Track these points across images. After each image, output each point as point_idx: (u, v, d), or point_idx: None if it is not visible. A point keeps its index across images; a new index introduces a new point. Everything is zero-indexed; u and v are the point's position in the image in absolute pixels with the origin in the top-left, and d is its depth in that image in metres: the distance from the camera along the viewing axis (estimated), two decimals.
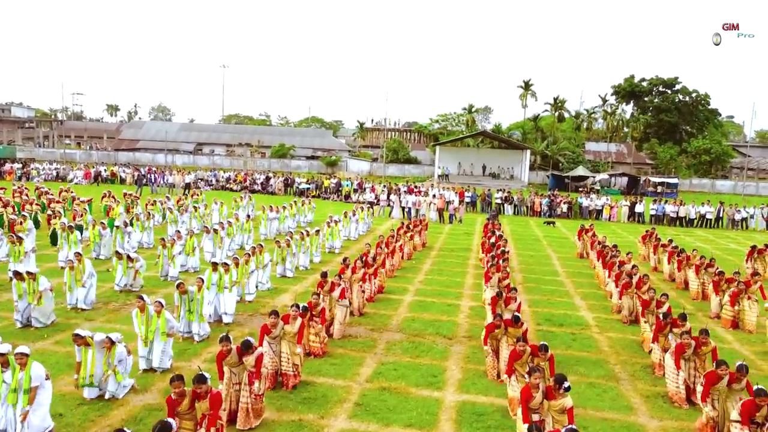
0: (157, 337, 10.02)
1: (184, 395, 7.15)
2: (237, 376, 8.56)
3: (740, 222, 35.15)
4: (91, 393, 8.96)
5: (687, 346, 9.91)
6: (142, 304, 10.16)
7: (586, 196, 38.29)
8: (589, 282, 18.68)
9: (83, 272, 13.34)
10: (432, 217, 32.77)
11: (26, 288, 11.91)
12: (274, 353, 9.82)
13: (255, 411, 8.35)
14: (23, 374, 7.60)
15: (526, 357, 9.19)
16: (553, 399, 7.68)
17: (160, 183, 40.40)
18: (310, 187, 43.74)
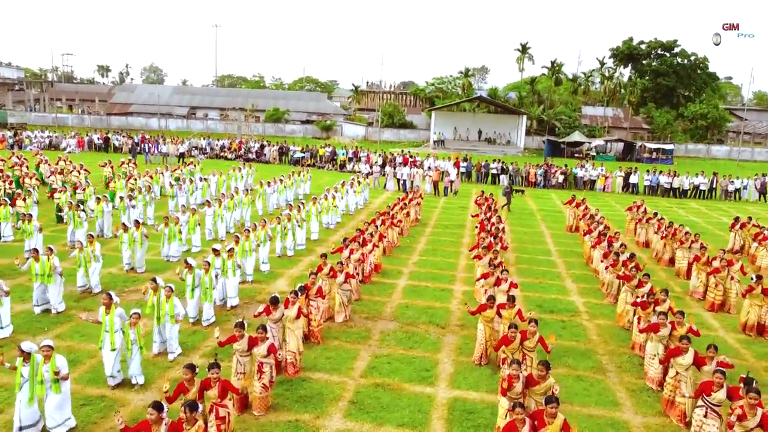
0: (167, 321, 10.34)
1: (193, 383, 7.40)
2: (243, 366, 8.85)
3: (733, 193, 35.37)
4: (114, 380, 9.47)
5: (662, 325, 10.23)
6: (155, 286, 10.47)
7: (581, 167, 38.28)
8: (580, 262, 18.95)
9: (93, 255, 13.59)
10: (427, 189, 32.85)
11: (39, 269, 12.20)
12: (274, 338, 10.11)
13: (261, 399, 8.70)
14: (48, 365, 7.90)
15: (517, 343, 9.50)
16: (535, 385, 7.96)
17: (154, 152, 40.14)
18: (304, 155, 43.59)
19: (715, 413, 8.04)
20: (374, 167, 34.14)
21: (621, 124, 72.39)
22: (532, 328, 9.46)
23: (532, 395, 7.93)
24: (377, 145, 65.50)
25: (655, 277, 17.77)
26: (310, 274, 11.72)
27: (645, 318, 11.41)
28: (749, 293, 12.97)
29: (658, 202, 33.80)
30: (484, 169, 38.18)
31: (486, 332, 10.83)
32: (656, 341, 10.26)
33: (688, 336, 9.17)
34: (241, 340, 8.71)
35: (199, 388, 7.41)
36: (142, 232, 15.30)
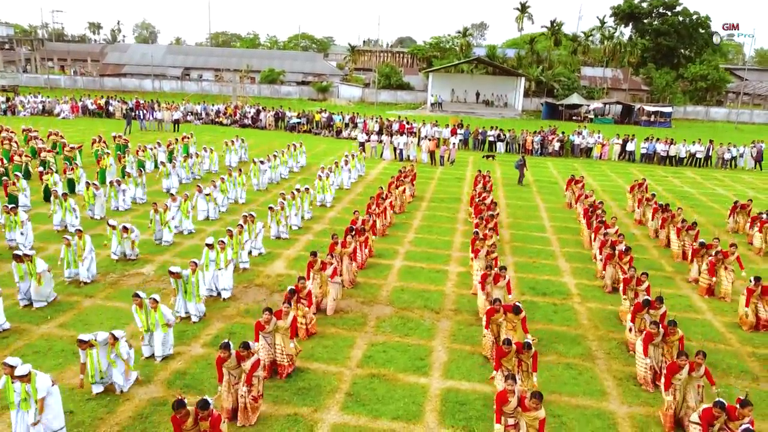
0: (158, 329, 10.48)
1: (188, 415, 7.58)
2: (235, 378, 9.09)
3: (729, 161, 35.43)
4: (97, 388, 9.51)
5: (655, 335, 10.45)
6: (139, 301, 10.51)
7: (578, 134, 38.16)
8: (574, 239, 19.20)
9: (83, 248, 13.64)
10: (423, 158, 32.83)
11: (26, 269, 12.25)
12: (269, 345, 10.33)
13: (252, 408, 8.95)
14: (30, 386, 8.05)
15: (512, 354, 9.74)
16: (527, 411, 8.22)
17: (149, 119, 39.84)
18: (301, 121, 43.32)
19: None
20: (371, 136, 33.95)
21: (620, 85, 71.76)
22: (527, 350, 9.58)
23: (523, 417, 8.20)
24: (374, 107, 65.01)
25: (647, 255, 18.11)
26: (299, 279, 11.83)
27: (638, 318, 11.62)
28: (751, 296, 13.08)
29: (654, 170, 33.91)
30: (481, 136, 38.06)
31: (494, 331, 11.09)
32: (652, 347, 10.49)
33: (685, 352, 9.30)
34: (229, 359, 8.87)
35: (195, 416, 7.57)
36: (132, 237, 15.27)
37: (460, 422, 9.17)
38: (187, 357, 10.79)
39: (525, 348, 9.42)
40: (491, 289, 12.82)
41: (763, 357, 11.82)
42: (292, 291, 11.49)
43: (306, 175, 27.51)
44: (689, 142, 36.66)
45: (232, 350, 8.93)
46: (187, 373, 10.20)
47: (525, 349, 9.42)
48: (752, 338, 12.61)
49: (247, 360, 8.95)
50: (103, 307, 12.64)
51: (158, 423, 8.78)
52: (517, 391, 8.19)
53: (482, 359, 11.18)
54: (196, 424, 7.63)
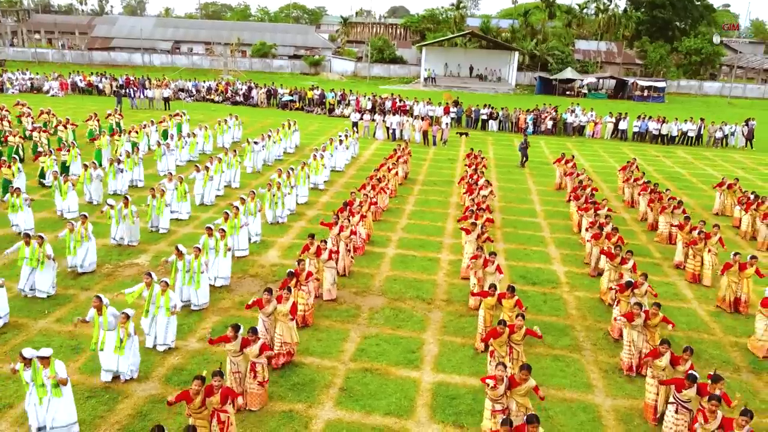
0: (162, 313, 10.70)
1: (198, 393, 7.87)
2: (237, 365, 9.35)
3: (721, 140, 35.61)
4: (106, 376, 9.86)
5: (636, 316, 10.77)
6: (149, 281, 10.74)
7: (571, 111, 38.16)
8: (564, 224, 19.43)
9: (85, 235, 13.78)
10: (416, 138, 32.83)
11: (29, 253, 12.40)
12: (267, 331, 10.60)
13: (255, 397, 9.27)
14: (48, 371, 8.31)
15: (505, 336, 10.02)
16: (517, 386, 8.54)
17: (140, 97, 39.48)
18: (293, 98, 43.06)
19: (685, 409, 8.66)
20: (364, 115, 33.84)
21: (614, 59, 71.41)
22: (519, 322, 9.92)
23: (514, 396, 8.50)
24: (366, 82, 64.54)
25: (636, 240, 18.39)
26: (299, 261, 12.05)
27: (624, 300, 11.94)
28: (727, 270, 13.46)
29: (646, 149, 34.09)
30: (474, 115, 38.00)
31: (486, 319, 11.34)
32: (629, 329, 10.83)
33: (667, 340, 9.60)
34: (234, 341, 9.12)
35: (203, 395, 7.87)
36: (132, 209, 15.40)
37: (450, 417, 9.48)
38: (184, 352, 11.02)
39: (508, 291, 10.50)
40: (482, 274, 13.06)
41: (744, 347, 12.16)
42: (291, 274, 11.70)
43: (299, 156, 27.49)
44: (681, 120, 36.76)
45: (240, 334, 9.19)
46: (184, 369, 10.42)
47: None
48: (735, 327, 12.96)
49: (254, 345, 9.20)
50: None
51: (157, 420, 9.01)
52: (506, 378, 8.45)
53: (472, 352, 11.47)
54: (203, 404, 7.90)
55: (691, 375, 8.61)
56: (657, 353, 9.59)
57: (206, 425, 7.96)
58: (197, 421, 7.94)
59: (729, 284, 13.53)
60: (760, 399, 10.44)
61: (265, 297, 10.44)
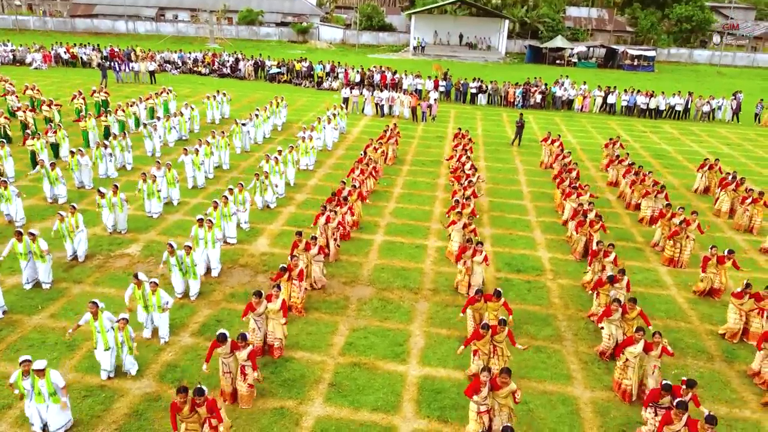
0: (154, 311, 11.01)
1: (186, 403, 8.19)
2: (227, 366, 9.67)
3: (708, 114, 35.82)
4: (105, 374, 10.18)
5: (614, 311, 11.19)
6: (138, 282, 10.98)
7: (560, 85, 38.13)
8: (550, 207, 19.72)
9: (76, 225, 13.91)
10: (405, 114, 32.77)
11: (22, 249, 12.55)
12: (259, 329, 10.90)
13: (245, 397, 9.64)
14: (44, 381, 8.58)
15: (488, 337, 10.39)
16: (499, 389, 8.94)
17: (125, 70, 38.91)
18: (281, 71, 42.61)
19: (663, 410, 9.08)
20: (353, 90, 33.65)
21: (605, 26, 70.85)
22: (501, 326, 10.25)
23: (496, 398, 8.88)
24: (355, 50, 63.81)
25: (619, 222, 18.75)
26: (292, 257, 12.27)
27: (603, 293, 12.33)
28: (707, 264, 13.81)
29: (634, 124, 34.27)
30: (462, 88, 37.87)
31: (475, 317, 11.69)
32: (608, 323, 11.23)
33: (642, 327, 10.03)
34: (224, 346, 9.40)
35: (191, 404, 8.16)
36: (121, 197, 15.51)
37: (435, 412, 9.89)
38: (177, 348, 11.30)
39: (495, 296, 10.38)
40: (471, 264, 13.41)
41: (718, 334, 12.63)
42: (283, 269, 12.02)
43: (287, 134, 27.46)
44: (669, 94, 36.86)
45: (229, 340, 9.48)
46: (177, 366, 10.73)
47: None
48: (711, 315, 13.41)
49: (243, 350, 9.50)
50: (92, 295, 12.91)
51: (153, 420, 9.37)
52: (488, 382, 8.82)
53: (457, 343, 11.81)
54: (192, 411, 8.22)
55: (666, 385, 8.96)
56: (631, 341, 10.05)
57: (198, 429, 8.29)
58: (189, 425, 8.26)
59: (708, 276, 13.92)
60: (730, 389, 10.93)
61: (255, 300, 10.68)
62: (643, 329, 10.07)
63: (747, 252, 17.00)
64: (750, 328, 12.23)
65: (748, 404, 10.51)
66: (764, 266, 16.12)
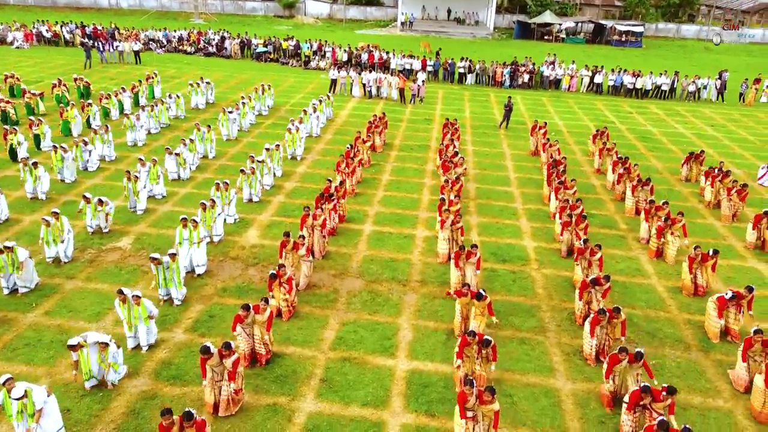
0: (141, 323, 11.16)
1: (173, 424, 8.43)
2: (218, 374, 9.93)
3: (693, 93, 36.10)
4: (90, 383, 10.29)
5: (602, 319, 11.51)
6: (123, 297, 11.07)
7: (548, 64, 38.16)
8: (536, 194, 20.01)
9: (61, 230, 13.94)
10: (393, 96, 32.73)
11: (5, 259, 12.56)
12: (248, 335, 11.13)
13: (234, 401, 9.91)
14: (27, 400, 8.74)
15: (474, 344, 10.68)
16: (484, 404, 9.26)
17: (109, 50, 38.36)
18: (267, 50, 42.21)
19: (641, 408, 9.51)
20: (340, 72, 33.51)
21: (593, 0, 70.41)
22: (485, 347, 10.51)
23: (481, 409, 9.22)
24: (342, 25, 63.14)
25: (604, 210, 19.10)
26: (280, 266, 12.43)
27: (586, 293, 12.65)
28: (691, 263, 14.15)
29: (620, 104, 34.50)
30: (450, 68, 37.80)
31: (462, 311, 12.00)
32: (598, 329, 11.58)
33: (625, 348, 10.31)
34: (213, 357, 9.64)
35: (180, 424, 8.39)
36: (107, 209, 15.41)
37: (422, 406, 10.28)
38: (171, 345, 11.57)
39: (484, 345, 10.33)
40: (464, 265, 13.66)
41: (697, 324, 13.08)
42: (273, 276, 12.24)
43: (274, 119, 27.41)
44: (656, 72, 37.04)
45: (214, 350, 9.72)
46: (172, 364, 11.01)
47: (484, 346, 10.34)
48: (690, 305, 13.85)
49: (229, 358, 9.77)
50: (85, 290, 13.18)
51: (150, 419, 9.66)
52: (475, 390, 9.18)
53: (444, 336, 12.21)
54: (181, 430, 8.49)
55: (645, 387, 9.35)
56: (616, 360, 10.31)
57: None
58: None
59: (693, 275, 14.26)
60: (705, 378, 11.41)
61: (242, 313, 10.85)
62: (626, 350, 10.26)
63: (726, 239, 17.44)
64: (730, 325, 12.58)
65: (721, 394, 10.99)
66: (743, 254, 16.56)
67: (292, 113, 27.66)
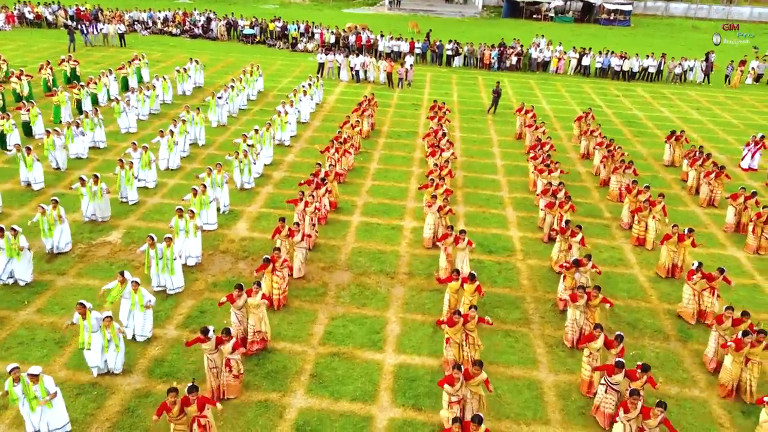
0: (137, 309, 11.39)
1: (176, 404, 8.74)
2: (213, 361, 10.21)
3: (680, 75, 36.30)
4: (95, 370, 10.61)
5: (580, 297, 11.91)
6: (122, 279, 11.32)
7: (536, 46, 38.15)
8: (522, 182, 20.25)
9: (59, 219, 14.07)
10: (381, 79, 32.67)
11: (3, 244, 12.70)
12: (240, 322, 11.41)
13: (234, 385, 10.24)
14: (38, 386, 9.02)
15: (459, 325, 11.02)
16: (471, 379, 9.66)
17: (93, 32, 37.82)
18: (254, 31, 41.80)
19: (613, 390, 9.91)
20: (329, 55, 33.33)
21: None
22: (473, 313, 10.88)
23: (469, 386, 9.59)
24: (329, 4, 62.43)
25: (588, 197, 19.41)
26: (275, 249, 12.66)
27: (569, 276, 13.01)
28: (667, 241, 14.59)
29: (607, 87, 34.66)
30: (438, 50, 37.68)
31: (451, 302, 12.29)
32: (572, 308, 11.96)
33: (599, 325, 10.74)
34: (209, 342, 9.91)
35: (180, 405, 8.71)
36: (101, 187, 15.60)
37: (410, 400, 10.61)
38: (163, 341, 11.79)
39: (469, 278, 11.05)
40: (452, 250, 13.98)
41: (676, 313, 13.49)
42: (267, 260, 12.46)
43: (262, 105, 27.35)
44: (643, 54, 37.16)
45: (212, 335, 9.99)
46: (165, 360, 11.24)
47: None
48: (670, 294, 14.23)
49: (227, 343, 10.05)
50: (77, 287, 13.32)
51: (144, 417, 9.92)
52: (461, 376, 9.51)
53: (431, 329, 12.52)
54: (181, 413, 8.79)
55: (619, 362, 9.80)
56: (591, 337, 10.78)
57: (186, 431, 8.87)
58: (178, 426, 8.84)
59: (668, 253, 14.72)
60: (683, 368, 11.83)
61: (236, 293, 11.15)
62: (601, 327, 10.70)
63: (708, 227, 17.82)
64: (704, 308, 13.05)
65: (697, 383, 11.42)
66: (723, 242, 16.97)
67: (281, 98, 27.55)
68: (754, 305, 13.85)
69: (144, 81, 28.54)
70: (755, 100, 33.30)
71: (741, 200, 16.91)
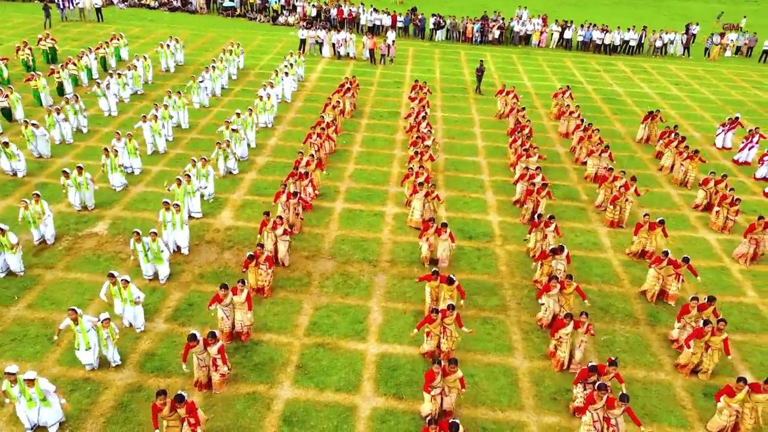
0: (128, 304, 11.78)
1: (165, 404, 9.19)
2: (203, 360, 10.64)
3: (661, 48, 36.55)
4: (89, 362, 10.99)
5: (552, 287, 12.47)
6: (114, 280, 11.67)
7: (518, 19, 38.07)
8: (503, 164, 20.62)
9: (42, 213, 14.26)
10: (364, 55, 32.57)
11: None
12: (227, 317, 11.83)
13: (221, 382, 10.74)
14: (34, 390, 9.41)
15: (439, 321, 11.50)
16: (448, 375, 10.21)
17: (69, 6, 37.03)
18: (233, 4, 41.17)
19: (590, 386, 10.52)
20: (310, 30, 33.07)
21: None
22: (450, 312, 11.35)
23: (446, 383, 10.12)
24: None
25: (566, 179, 19.85)
26: (258, 245, 13.00)
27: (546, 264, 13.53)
28: (639, 230, 15.14)
29: (589, 60, 34.85)
30: (420, 23, 37.48)
31: (432, 294, 12.75)
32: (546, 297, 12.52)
33: (570, 314, 11.33)
34: (198, 345, 10.32)
35: (171, 406, 9.14)
36: (86, 177, 15.74)
37: (391, 389, 11.15)
38: (153, 335, 12.17)
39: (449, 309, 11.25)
40: (434, 240, 14.43)
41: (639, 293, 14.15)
42: (251, 257, 12.83)
43: (244, 84, 27.25)
44: (624, 27, 37.29)
45: (200, 338, 10.41)
46: (155, 355, 11.64)
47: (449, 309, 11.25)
48: (641, 278, 14.80)
49: (214, 346, 10.48)
50: (66, 281, 13.59)
51: (138, 411, 10.36)
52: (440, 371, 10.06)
53: (412, 318, 13.01)
54: (172, 411, 9.26)
55: (592, 366, 10.33)
56: (562, 324, 11.37)
57: (178, 426, 9.33)
58: (170, 423, 9.28)
59: (640, 240, 15.29)
60: (650, 353, 12.47)
61: (222, 292, 11.52)
62: (571, 315, 11.32)
63: (680, 208, 18.40)
64: (669, 291, 13.71)
65: (663, 367, 12.08)
66: (694, 224, 17.56)
67: (262, 77, 27.53)
68: (720, 288, 14.54)
69: (123, 60, 28.17)
70: (733, 74, 33.75)
71: (711, 185, 17.46)
